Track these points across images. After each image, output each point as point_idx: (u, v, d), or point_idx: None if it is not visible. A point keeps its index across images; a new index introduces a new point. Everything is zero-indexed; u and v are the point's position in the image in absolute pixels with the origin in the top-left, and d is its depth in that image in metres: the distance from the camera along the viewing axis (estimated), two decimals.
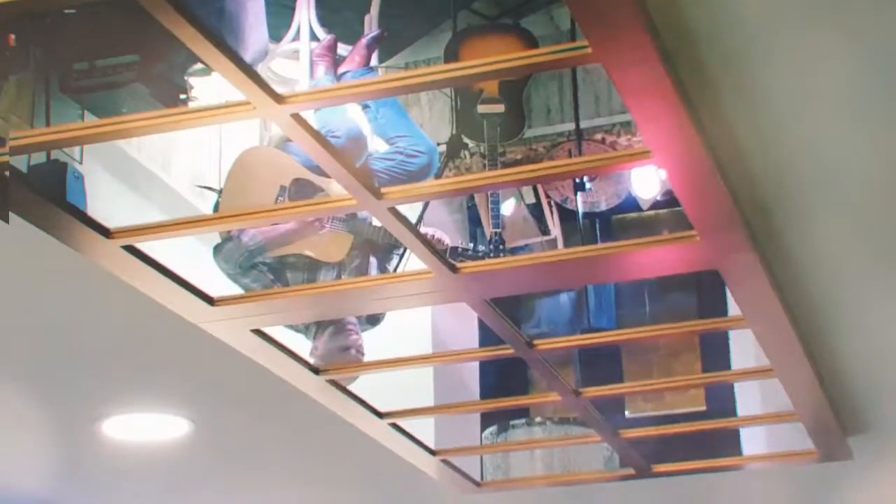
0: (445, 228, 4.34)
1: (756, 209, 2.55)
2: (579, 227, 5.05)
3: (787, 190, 2.56)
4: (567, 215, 5.37)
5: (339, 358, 3.50)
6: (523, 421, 4.71)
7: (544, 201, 5.39)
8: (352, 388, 3.51)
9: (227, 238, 3.54)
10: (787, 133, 2.38)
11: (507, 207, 5.27)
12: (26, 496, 4.46)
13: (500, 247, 4.57)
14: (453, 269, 2.71)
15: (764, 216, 2.59)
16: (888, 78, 2.22)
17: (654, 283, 5.78)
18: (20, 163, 2.90)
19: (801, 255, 2.80)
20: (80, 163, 3.43)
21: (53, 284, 2.85)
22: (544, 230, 5.35)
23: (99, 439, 3.83)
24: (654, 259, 2.69)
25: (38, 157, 3.23)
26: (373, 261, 3.82)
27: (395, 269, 3.82)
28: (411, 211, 4.02)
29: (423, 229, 3.83)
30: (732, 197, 2.43)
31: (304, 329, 3.63)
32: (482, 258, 4.27)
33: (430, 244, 2.66)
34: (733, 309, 4.02)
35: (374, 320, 3.76)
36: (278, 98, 2.13)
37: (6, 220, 2.34)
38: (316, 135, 2.27)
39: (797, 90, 2.25)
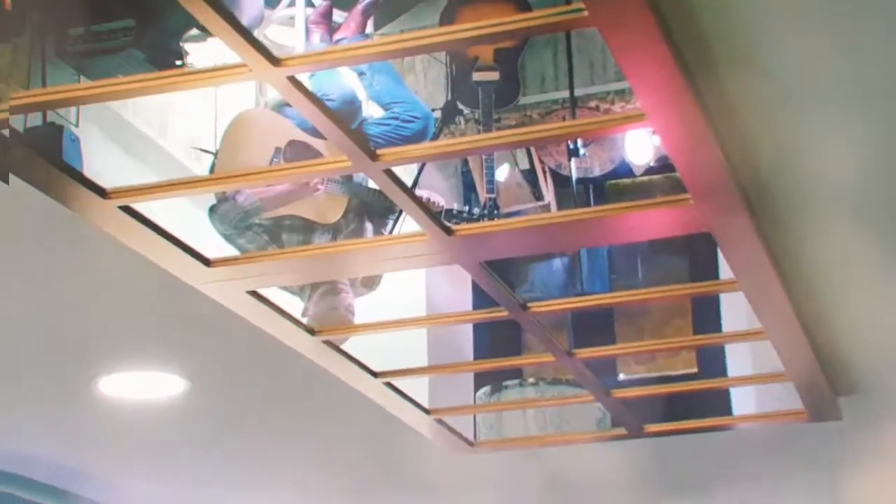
0: (440, 193, 4.35)
1: (750, 173, 2.56)
2: (573, 193, 5.05)
3: (781, 155, 2.58)
4: (561, 181, 5.37)
5: (329, 318, 3.52)
6: (516, 381, 4.73)
7: (538, 167, 5.38)
8: (348, 350, 3.54)
9: (223, 199, 3.55)
10: (784, 101, 2.39)
11: (502, 173, 5.28)
12: (23, 455, 4.49)
13: (495, 212, 4.59)
14: (448, 231, 2.72)
15: (758, 180, 2.61)
16: (884, 63, 2.24)
17: (646, 248, 5.80)
18: (16, 125, 2.90)
19: (793, 218, 2.81)
20: (77, 126, 3.43)
21: (50, 245, 2.86)
22: (538, 196, 5.35)
23: (95, 397, 3.85)
24: (649, 222, 2.71)
25: (34, 121, 3.23)
26: (368, 226, 3.83)
27: (390, 234, 3.83)
28: (407, 175, 4.04)
29: (417, 192, 3.85)
30: (726, 160, 2.44)
31: (298, 291, 3.65)
32: (477, 220, 4.29)
33: (425, 206, 2.67)
34: (725, 274, 4.06)
35: (370, 284, 3.78)
36: (275, 60, 2.14)
37: (6, 182, 2.36)
38: (312, 97, 2.29)
39: (795, 62, 2.26)
